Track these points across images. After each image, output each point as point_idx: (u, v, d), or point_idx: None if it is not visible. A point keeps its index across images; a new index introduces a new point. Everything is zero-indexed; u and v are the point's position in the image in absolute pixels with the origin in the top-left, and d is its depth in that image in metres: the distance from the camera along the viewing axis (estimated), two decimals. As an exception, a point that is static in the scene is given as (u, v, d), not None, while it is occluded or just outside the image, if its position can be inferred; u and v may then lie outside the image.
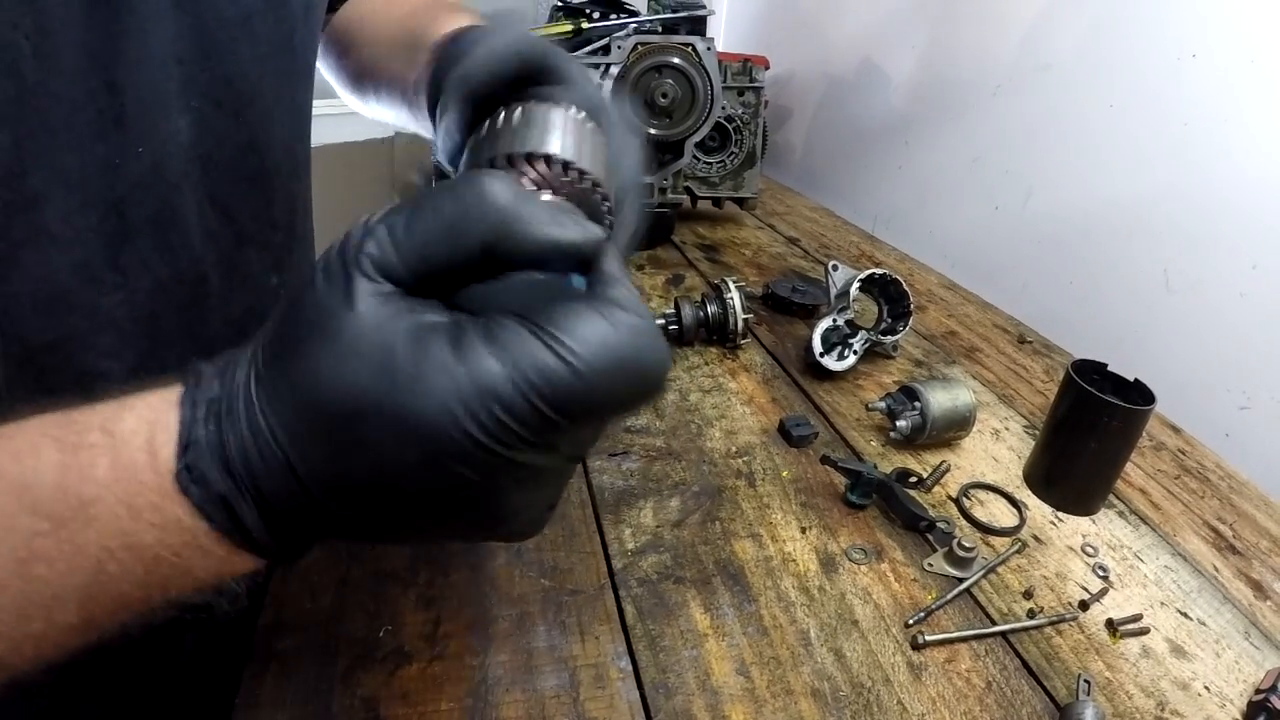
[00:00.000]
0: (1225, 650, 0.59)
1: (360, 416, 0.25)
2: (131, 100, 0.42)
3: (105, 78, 0.40)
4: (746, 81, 1.32)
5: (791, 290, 1.06)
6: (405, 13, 0.63)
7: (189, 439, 0.27)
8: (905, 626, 0.57)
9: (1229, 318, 0.91)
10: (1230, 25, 0.90)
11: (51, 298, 0.42)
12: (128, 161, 0.42)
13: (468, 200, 0.26)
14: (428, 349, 0.25)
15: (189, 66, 0.45)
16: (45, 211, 0.40)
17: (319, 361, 0.25)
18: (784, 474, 0.71)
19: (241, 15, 0.48)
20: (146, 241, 0.45)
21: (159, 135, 0.44)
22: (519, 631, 0.52)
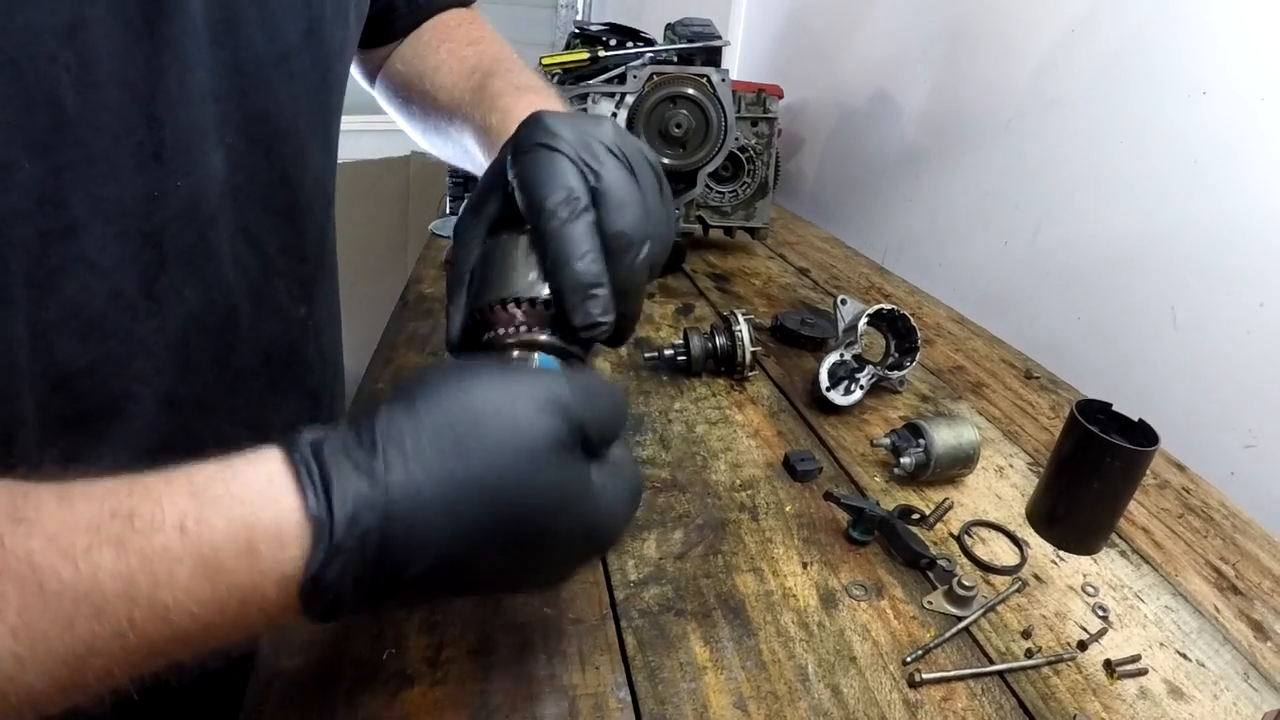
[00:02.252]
0: (1223, 692, 0.59)
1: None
2: (171, 134, 0.43)
3: (145, 111, 0.41)
4: (760, 112, 1.34)
5: (800, 323, 1.07)
6: (477, 63, 0.66)
7: (325, 568, 0.30)
8: (903, 664, 0.57)
9: (1235, 356, 0.91)
10: (1241, 63, 0.91)
11: (87, 324, 0.43)
12: (166, 194, 0.44)
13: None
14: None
15: (225, 103, 0.47)
16: (83, 240, 0.41)
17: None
18: (787, 508, 0.72)
19: (279, 54, 0.49)
20: (181, 272, 0.47)
21: (197, 169, 0.46)
22: (520, 658, 0.53)
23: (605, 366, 0.96)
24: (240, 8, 0.46)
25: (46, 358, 0.42)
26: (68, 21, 0.36)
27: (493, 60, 0.66)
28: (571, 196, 0.41)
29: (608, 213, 0.41)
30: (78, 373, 0.44)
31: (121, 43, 0.39)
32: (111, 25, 0.38)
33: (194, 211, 0.46)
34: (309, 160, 0.56)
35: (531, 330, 0.42)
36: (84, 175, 0.40)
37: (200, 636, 0.29)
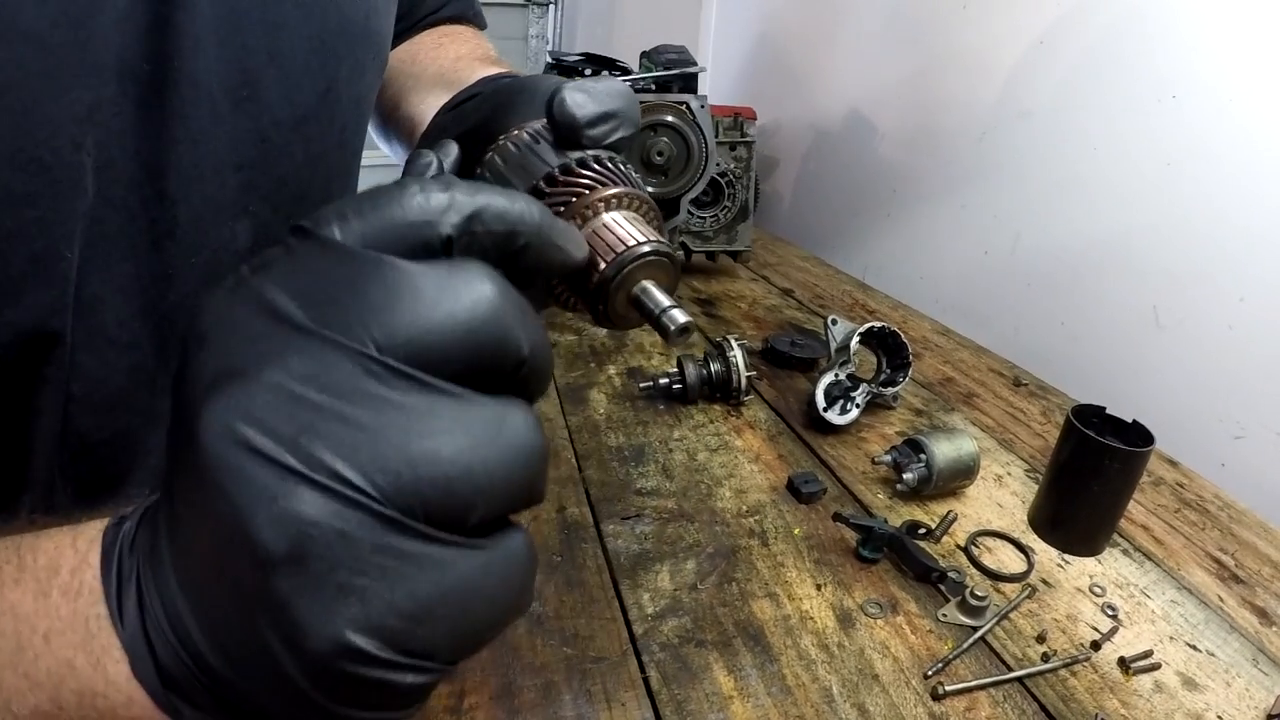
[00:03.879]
0: (1235, 679, 0.60)
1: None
2: (184, 212, 0.43)
3: (157, 188, 0.41)
4: (738, 136, 1.36)
5: (790, 344, 1.08)
6: (451, 59, 0.66)
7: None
8: (924, 678, 0.58)
9: (1219, 350, 0.93)
10: (1208, 67, 0.95)
11: (109, 398, 0.43)
12: (180, 272, 0.44)
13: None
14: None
15: (249, 171, 0.46)
16: (104, 317, 0.41)
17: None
18: (795, 531, 0.73)
19: (296, 118, 0.49)
20: None
21: (212, 244, 0.45)
22: (545, 701, 0.53)
23: (600, 398, 0.96)
24: (260, 71, 0.45)
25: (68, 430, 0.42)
26: (87, 106, 0.37)
27: (470, 57, 0.67)
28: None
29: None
30: (99, 443, 0.44)
31: (133, 120, 0.39)
32: (124, 104, 0.39)
33: (207, 289, 0.46)
34: None
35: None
36: (102, 253, 0.40)
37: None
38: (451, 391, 0.23)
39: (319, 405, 0.21)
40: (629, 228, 0.34)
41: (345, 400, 0.22)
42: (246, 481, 0.21)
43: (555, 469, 0.80)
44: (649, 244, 0.33)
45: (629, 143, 0.38)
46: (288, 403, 0.21)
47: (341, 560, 0.21)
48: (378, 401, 0.22)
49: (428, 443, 0.22)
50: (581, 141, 0.35)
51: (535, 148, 0.36)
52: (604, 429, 0.89)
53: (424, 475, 0.22)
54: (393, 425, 0.22)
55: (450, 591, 0.22)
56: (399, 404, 0.22)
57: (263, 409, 0.21)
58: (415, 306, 0.23)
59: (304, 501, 0.21)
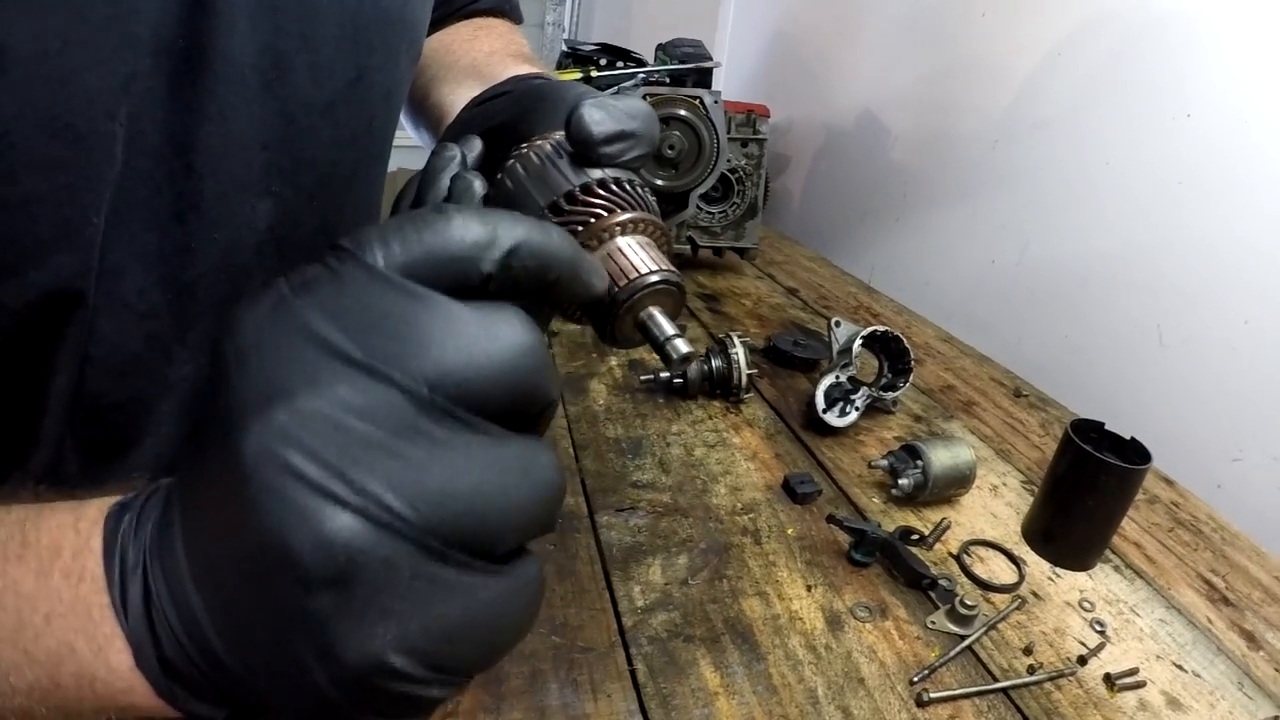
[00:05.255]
0: (1219, 702, 0.60)
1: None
2: (210, 186, 0.43)
3: (185, 162, 0.42)
4: (750, 133, 1.36)
5: (793, 344, 1.08)
6: (485, 53, 0.66)
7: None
8: (910, 684, 0.58)
9: (1221, 372, 0.93)
10: (1225, 86, 0.94)
11: (124, 363, 0.44)
12: (202, 246, 0.44)
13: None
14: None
15: (272, 151, 0.46)
16: (124, 285, 0.42)
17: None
18: (789, 531, 0.73)
19: (325, 102, 0.49)
20: (214, 321, 0.47)
21: (234, 221, 0.46)
22: (531, 689, 0.54)
23: (601, 389, 0.97)
24: (291, 54, 0.45)
25: (82, 391, 0.43)
26: (123, 78, 0.37)
27: (503, 52, 0.67)
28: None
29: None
30: (111, 407, 0.44)
31: (166, 94, 0.40)
32: (157, 78, 0.39)
33: (228, 263, 0.46)
34: (347, 207, 0.55)
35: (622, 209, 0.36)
36: (127, 221, 0.40)
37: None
38: (490, 431, 0.24)
39: (366, 436, 0.22)
40: (641, 255, 0.35)
41: (393, 433, 0.23)
42: (289, 504, 0.22)
43: (552, 458, 0.80)
44: (659, 273, 0.34)
45: (646, 161, 0.38)
46: (335, 431, 0.22)
47: (385, 586, 0.22)
48: (425, 437, 0.23)
49: (468, 479, 0.23)
50: (597, 159, 0.36)
51: (556, 162, 0.37)
52: (603, 420, 0.89)
53: (464, 509, 0.23)
54: (438, 460, 0.23)
55: (478, 615, 0.24)
56: (444, 441, 0.23)
57: (310, 435, 0.22)
58: (464, 349, 0.24)
59: (351, 528, 0.22)
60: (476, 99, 0.52)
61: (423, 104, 0.68)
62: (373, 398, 0.23)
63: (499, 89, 0.51)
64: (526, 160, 0.38)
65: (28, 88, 0.33)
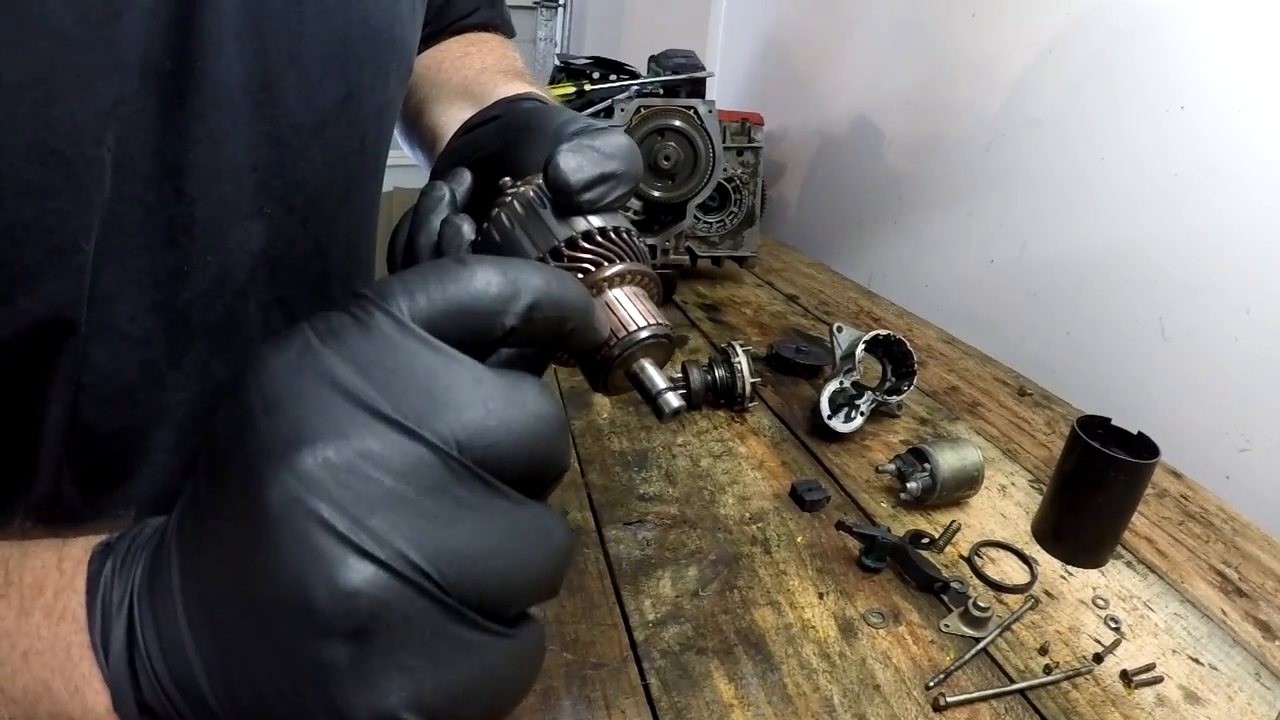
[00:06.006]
0: (1238, 693, 0.60)
1: None
2: (201, 209, 0.43)
3: (175, 185, 0.41)
4: (745, 141, 1.36)
5: (795, 351, 1.08)
6: (475, 70, 0.66)
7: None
8: (926, 689, 0.58)
9: (1225, 362, 0.93)
10: (1219, 79, 0.94)
11: (118, 392, 0.43)
12: (195, 269, 0.44)
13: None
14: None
15: (263, 173, 0.46)
16: (116, 311, 0.41)
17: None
18: (798, 539, 0.73)
19: (315, 121, 0.48)
20: (208, 347, 0.47)
21: (227, 244, 0.45)
22: (544, 707, 0.53)
23: (604, 402, 0.96)
24: (280, 74, 0.45)
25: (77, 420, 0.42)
26: (110, 102, 0.37)
27: (496, 69, 0.67)
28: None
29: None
30: (105, 436, 0.44)
31: (154, 118, 0.39)
32: (146, 101, 0.39)
33: (222, 286, 0.46)
34: (340, 227, 0.55)
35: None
36: (118, 248, 0.40)
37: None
38: (510, 495, 0.24)
39: (393, 491, 0.23)
40: (632, 309, 0.35)
41: (420, 490, 0.23)
42: (313, 552, 0.22)
43: (558, 474, 0.80)
44: (650, 328, 0.35)
45: (627, 200, 0.39)
46: (363, 483, 0.22)
47: (404, 642, 0.22)
48: (450, 497, 0.23)
49: (490, 541, 0.24)
50: (578, 207, 0.36)
51: (540, 212, 0.37)
52: (607, 433, 0.89)
53: (484, 570, 0.23)
54: (462, 520, 0.23)
55: (488, 675, 0.24)
56: (468, 501, 0.23)
57: (338, 486, 0.22)
58: (493, 413, 0.24)
59: (374, 581, 0.22)
60: (465, 125, 0.52)
61: (416, 124, 0.68)
62: (401, 454, 0.23)
63: (487, 114, 0.51)
64: (511, 210, 0.38)
65: (12, 113, 0.33)
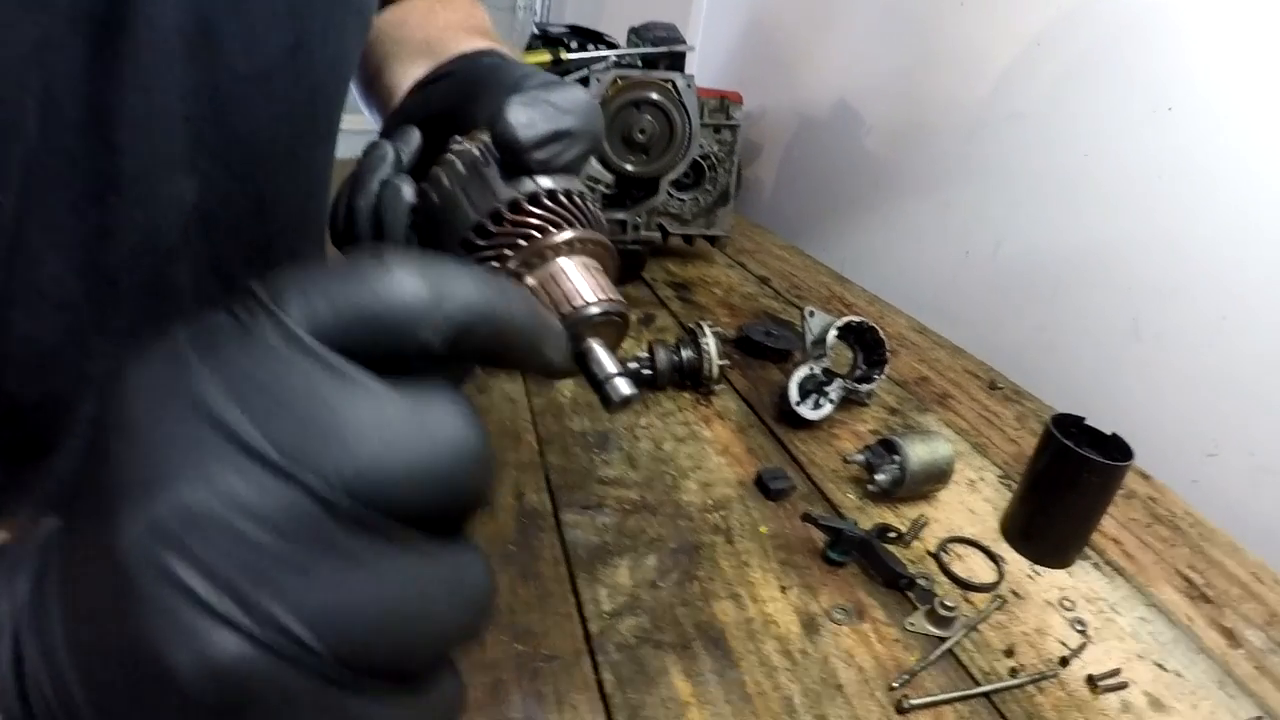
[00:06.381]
0: (1202, 701, 0.59)
1: None
2: (130, 161, 0.39)
3: (103, 136, 0.38)
4: (723, 119, 1.32)
5: (765, 334, 1.06)
6: (439, 28, 0.62)
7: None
8: (889, 690, 0.56)
9: (1198, 367, 0.92)
10: (1206, 82, 0.93)
11: (40, 358, 0.40)
12: (121, 228, 0.40)
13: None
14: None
15: (198, 124, 0.42)
16: (38, 273, 0.38)
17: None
18: (762, 529, 0.70)
19: (259, 72, 0.44)
20: (136, 310, 0.43)
21: (157, 200, 0.42)
22: (493, 701, 0.50)
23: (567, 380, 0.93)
24: (219, 20, 0.41)
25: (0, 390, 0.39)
26: (34, 42, 0.33)
27: (461, 26, 0.63)
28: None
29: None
30: (30, 406, 0.41)
31: (82, 62, 0.36)
32: (73, 42, 0.35)
33: (151, 247, 0.42)
34: (285, 185, 0.51)
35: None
36: (43, 205, 0.37)
37: None
38: (415, 543, 0.20)
39: (265, 546, 0.18)
40: (582, 281, 0.31)
41: (297, 544, 0.19)
42: (170, 620, 0.18)
43: (516, 453, 0.77)
44: (601, 304, 0.31)
45: (587, 160, 0.35)
46: (227, 537, 0.18)
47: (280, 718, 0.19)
48: (335, 550, 0.19)
49: (385, 600, 0.20)
50: (528, 167, 0.32)
51: (484, 172, 0.33)
52: (569, 412, 0.86)
53: (378, 634, 0.20)
54: (349, 579, 0.19)
55: None
56: (359, 555, 0.19)
57: (197, 540, 0.18)
58: (392, 447, 0.20)
59: (243, 656, 0.18)
60: (420, 81, 0.48)
61: (374, 83, 0.64)
62: (276, 500, 0.19)
63: (443, 70, 0.47)
64: (452, 169, 0.34)
65: None
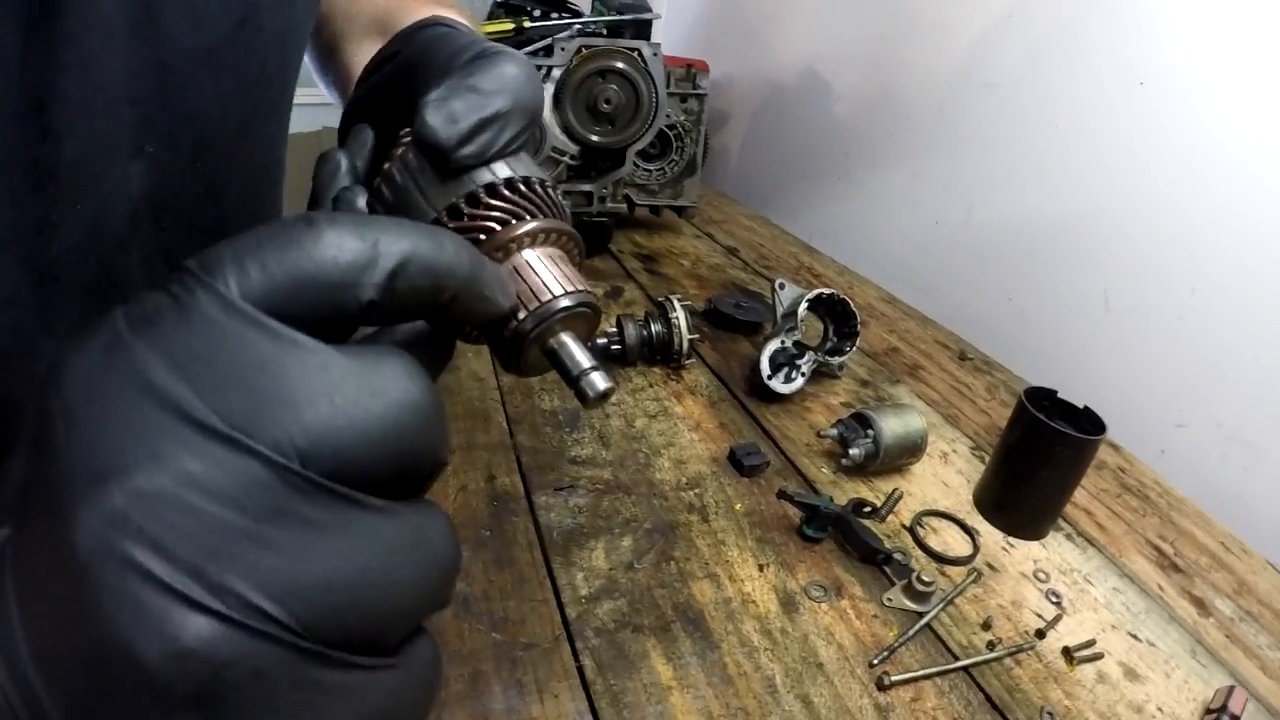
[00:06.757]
0: (1174, 670, 0.60)
1: None
2: (69, 149, 0.36)
3: (40, 122, 0.35)
4: (690, 88, 1.30)
5: (735, 306, 1.04)
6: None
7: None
8: (869, 666, 0.55)
9: (1167, 339, 0.93)
10: (1180, 55, 0.92)
11: None
12: (64, 220, 0.37)
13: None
14: None
15: (144, 106, 0.39)
16: None
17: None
18: (737, 507, 0.69)
19: (205, 45, 0.41)
20: (84, 306, 0.40)
21: (100, 189, 0.39)
22: (473, 693, 0.49)
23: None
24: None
25: None
26: None
27: None
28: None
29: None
30: None
31: (16, 44, 0.33)
32: (4, 24, 0.32)
33: (95, 239, 0.39)
34: (239, 166, 0.48)
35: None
36: None
37: None
38: (374, 506, 0.20)
39: (225, 522, 0.18)
40: (546, 273, 0.30)
41: (256, 517, 0.18)
42: (135, 608, 0.17)
43: (486, 434, 0.75)
44: (571, 295, 0.30)
45: (525, 139, 0.32)
46: (186, 517, 0.18)
47: (257, 701, 0.18)
48: (295, 519, 0.18)
49: (350, 566, 0.19)
50: (460, 167, 0.30)
51: (419, 178, 0.31)
52: (538, 391, 0.84)
53: (346, 602, 0.19)
54: (312, 547, 0.19)
55: (370, 717, 0.20)
56: (319, 522, 0.19)
57: (153, 523, 0.17)
58: (341, 409, 0.20)
59: (211, 637, 0.17)
60: (368, 66, 0.45)
61: (329, 63, 0.61)
62: (230, 473, 0.18)
63: (387, 51, 0.44)
64: (403, 164, 0.32)
65: None
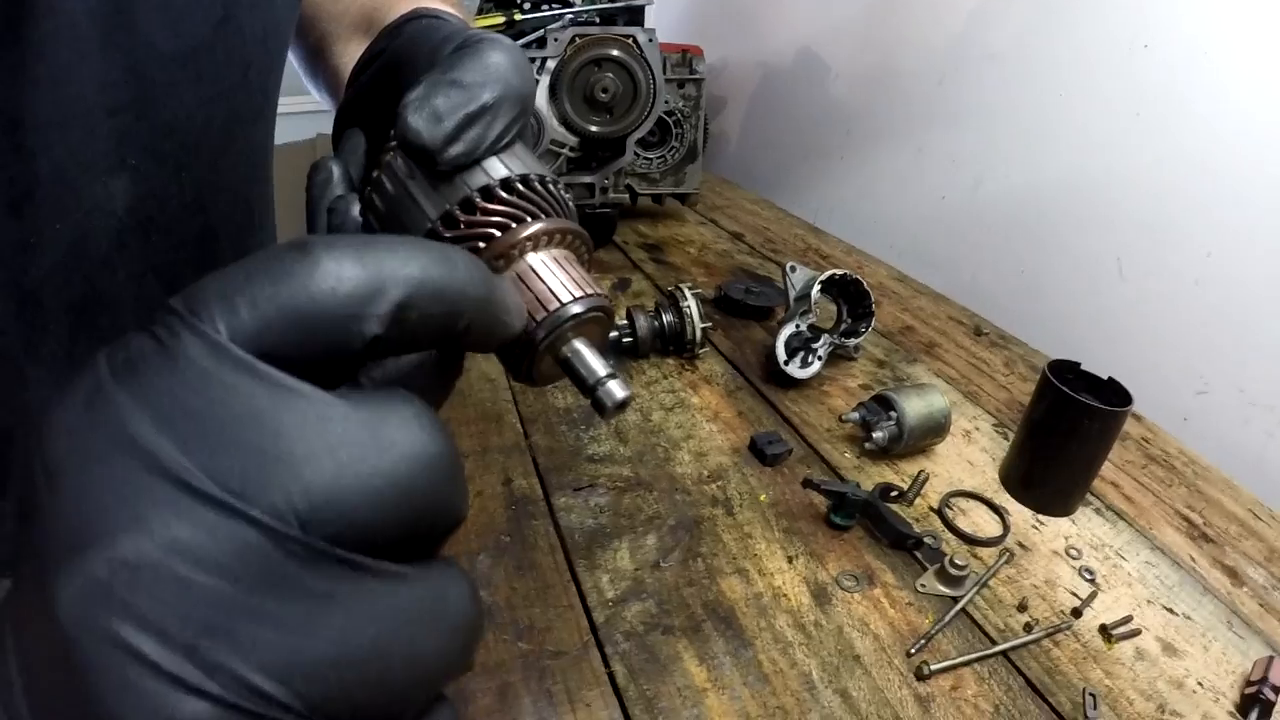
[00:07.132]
0: (1212, 643, 0.58)
1: None
2: (44, 166, 0.35)
3: (12, 140, 0.33)
4: (687, 73, 1.28)
5: (745, 292, 1.03)
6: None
7: None
8: (907, 656, 0.54)
9: (1184, 305, 0.91)
10: (1183, 17, 0.90)
11: None
12: (44, 240, 0.36)
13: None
14: None
15: (123, 117, 0.38)
16: None
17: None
18: (761, 497, 0.68)
19: (183, 50, 0.40)
20: (70, 332, 0.39)
21: (81, 205, 0.37)
22: (502, 707, 0.48)
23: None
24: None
25: None
26: None
27: None
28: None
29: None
30: None
31: None
32: None
33: (79, 258, 0.38)
34: (225, 174, 0.46)
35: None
36: None
37: None
38: (386, 571, 0.18)
39: (218, 594, 0.16)
40: (556, 278, 0.28)
41: (253, 589, 0.16)
42: (124, 691, 0.15)
43: (500, 436, 0.74)
44: (582, 300, 0.28)
45: (518, 130, 0.30)
46: (174, 589, 0.16)
47: None
48: (298, 590, 0.17)
49: (360, 639, 0.17)
50: (448, 169, 0.29)
51: (410, 185, 0.29)
52: (550, 389, 0.83)
53: (357, 679, 0.17)
54: (318, 620, 0.17)
55: None
56: (325, 592, 0.17)
57: (142, 599, 0.16)
58: (346, 467, 0.17)
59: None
60: (357, 66, 0.43)
61: (317, 65, 0.59)
62: (222, 540, 0.16)
63: (375, 48, 0.42)
64: (394, 170, 0.30)
65: None
